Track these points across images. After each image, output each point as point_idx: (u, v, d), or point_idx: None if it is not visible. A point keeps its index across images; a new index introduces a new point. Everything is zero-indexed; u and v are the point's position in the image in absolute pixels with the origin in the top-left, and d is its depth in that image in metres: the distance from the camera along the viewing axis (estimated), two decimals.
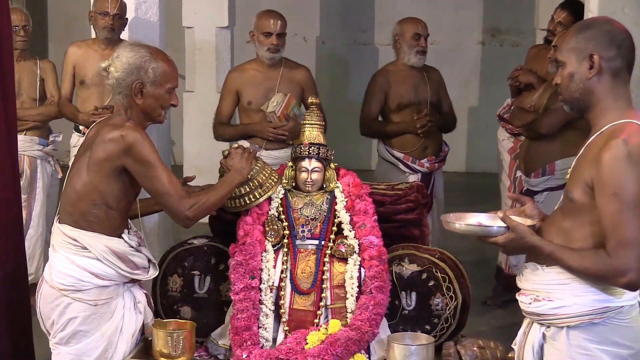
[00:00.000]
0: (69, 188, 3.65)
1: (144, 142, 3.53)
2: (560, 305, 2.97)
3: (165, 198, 3.61)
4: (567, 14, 6.21)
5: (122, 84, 3.60)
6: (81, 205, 3.60)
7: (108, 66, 3.63)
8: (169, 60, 3.68)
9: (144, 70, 3.58)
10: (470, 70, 11.22)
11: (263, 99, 5.64)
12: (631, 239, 2.81)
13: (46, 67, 6.31)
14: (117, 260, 3.61)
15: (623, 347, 2.96)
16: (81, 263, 3.59)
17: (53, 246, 3.67)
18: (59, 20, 11.62)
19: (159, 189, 3.59)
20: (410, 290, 3.98)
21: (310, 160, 3.98)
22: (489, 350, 3.85)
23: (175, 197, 3.60)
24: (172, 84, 3.67)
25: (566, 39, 3.03)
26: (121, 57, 3.60)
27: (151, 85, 3.59)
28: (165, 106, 3.68)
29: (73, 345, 3.65)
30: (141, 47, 3.63)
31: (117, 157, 3.53)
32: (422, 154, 6.02)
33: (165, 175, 3.58)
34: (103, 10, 5.88)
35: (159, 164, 3.56)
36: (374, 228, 3.94)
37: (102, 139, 3.55)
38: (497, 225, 3.02)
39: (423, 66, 6.12)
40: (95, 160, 3.56)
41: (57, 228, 3.66)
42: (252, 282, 3.82)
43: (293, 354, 3.68)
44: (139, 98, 3.60)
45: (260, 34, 5.64)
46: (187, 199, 3.63)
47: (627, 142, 2.81)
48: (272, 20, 5.63)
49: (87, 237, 3.59)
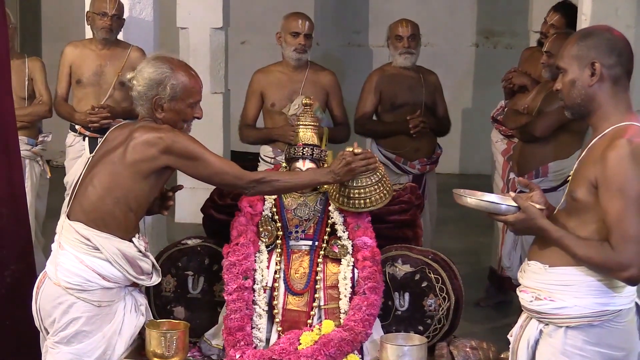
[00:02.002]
0: (89, 187, 3.64)
1: (182, 138, 3.59)
2: (562, 305, 3.03)
3: (224, 177, 3.67)
4: (560, 16, 6.22)
5: (144, 97, 3.65)
6: (103, 205, 3.60)
7: (132, 78, 3.67)
8: (191, 74, 3.69)
9: (162, 86, 3.61)
10: (464, 72, 11.22)
11: (286, 102, 5.59)
12: (634, 234, 2.89)
13: (35, 66, 6.17)
14: (127, 264, 3.62)
15: (617, 349, 3.03)
16: (90, 263, 3.58)
17: (60, 243, 3.65)
18: (53, 20, 11.61)
19: (212, 173, 3.64)
20: (404, 291, 3.99)
21: (304, 161, 3.99)
22: (481, 351, 3.87)
23: (235, 172, 3.66)
24: (193, 98, 3.69)
25: (567, 46, 3.10)
26: (143, 72, 3.64)
27: (171, 100, 3.63)
28: (187, 119, 3.71)
29: (75, 345, 3.63)
30: (163, 62, 3.65)
31: (156, 158, 3.56)
32: (413, 155, 6.03)
33: (214, 158, 3.64)
34: (101, 11, 5.88)
35: (205, 151, 3.62)
36: (368, 229, 3.95)
37: (139, 141, 3.57)
38: (508, 204, 3.07)
39: (420, 68, 6.14)
40: (130, 161, 3.57)
41: (68, 225, 3.64)
42: (245, 283, 3.83)
43: (286, 354, 3.69)
44: (160, 112, 3.64)
45: (287, 35, 5.61)
46: (250, 173, 3.70)
47: (631, 142, 2.90)
48: (301, 20, 5.62)
49: (101, 238, 3.59)
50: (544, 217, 3.06)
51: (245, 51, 10.87)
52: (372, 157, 3.84)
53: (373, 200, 3.88)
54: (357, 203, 3.88)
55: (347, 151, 3.81)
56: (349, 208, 3.90)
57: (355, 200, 3.87)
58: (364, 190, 3.86)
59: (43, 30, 11.71)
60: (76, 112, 5.97)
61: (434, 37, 10.50)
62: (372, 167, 3.84)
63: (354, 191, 3.86)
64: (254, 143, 5.86)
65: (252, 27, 10.90)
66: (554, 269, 3.06)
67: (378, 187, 3.89)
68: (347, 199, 3.88)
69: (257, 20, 10.86)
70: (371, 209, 3.91)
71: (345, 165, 3.78)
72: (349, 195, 3.87)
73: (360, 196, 3.87)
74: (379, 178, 3.90)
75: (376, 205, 3.90)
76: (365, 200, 3.87)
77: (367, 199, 3.87)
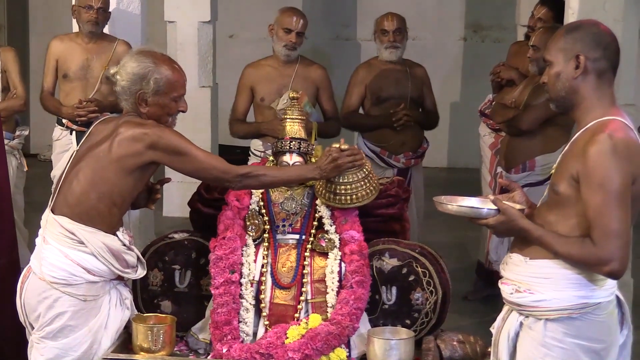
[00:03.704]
0: (74, 181, 3.62)
1: (168, 134, 3.58)
2: (541, 298, 3.06)
3: (211, 172, 3.66)
4: (546, 10, 6.24)
5: (127, 92, 3.64)
6: (87, 199, 3.58)
7: (115, 73, 3.66)
8: (174, 68, 3.68)
9: (146, 80, 3.60)
10: (452, 66, 11.23)
11: (276, 96, 5.57)
12: (615, 229, 2.91)
13: (7, 57, 6.08)
14: (112, 257, 3.61)
15: (596, 341, 3.06)
16: (75, 257, 3.57)
17: (44, 238, 3.64)
18: (40, 14, 11.56)
19: (200, 168, 3.63)
20: (391, 285, 3.99)
21: (291, 154, 3.99)
22: (468, 345, 3.88)
23: (222, 167, 3.65)
24: (177, 92, 3.68)
25: (554, 39, 3.13)
26: (126, 67, 3.63)
27: (154, 94, 3.62)
28: (171, 113, 3.70)
29: (61, 339, 3.62)
30: (146, 57, 3.64)
31: (142, 153, 3.54)
32: (399, 149, 6.04)
33: (201, 153, 3.63)
34: (87, 4, 5.85)
35: (191, 146, 3.61)
36: (355, 223, 3.95)
37: (124, 136, 3.56)
38: (488, 208, 3.11)
39: (407, 61, 6.14)
40: (115, 157, 3.56)
41: (52, 219, 3.63)
42: (232, 277, 3.82)
43: (273, 348, 3.69)
44: (144, 107, 3.63)
45: (280, 29, 5.60)
46: (237, 167, 3.69)
47: (612, 137, 2.92)
48: (295, 17, 5.60)
49: (86, 232, 3.57)
50: (524, 218, 3.08)
51: (233, 45, 10.83)
52: (358, 153, 3.84)
53: (359, 196, 3.88)
54: (343, 199, 3.88)
55: (333, 147, 3.81)
56: (335, 204, 3.91)
57: (342, 196, 3.88)
58: (350, 187, 3.86)
59: (30, 24, 11.67)
60: (63, 106, 5.94)
61: (422, 31, 10.51)
62: (358, 164, 3.84)
63: (341, 187, 3.86)
64: (243, 137, 5.85)
65: (241, 21, 10.89)
66: (534, 261, 3.09)
67: (364, 183, 3.89)
68: (334, 194, 3.88)
69: (245, 13, 10.85)
70: (357, 205, 3.91)
71: (331, 162, 3.78)
72: (335, 191, 3.87)
73: (347, 192, 3.87)
74: (366, 174, 3.90)
75: (362, 202, 3.90)
76: (351, 196, 3.87)
77: (353, 194, 3.87)
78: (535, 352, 3.09)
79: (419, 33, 10.30)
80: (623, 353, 3.20)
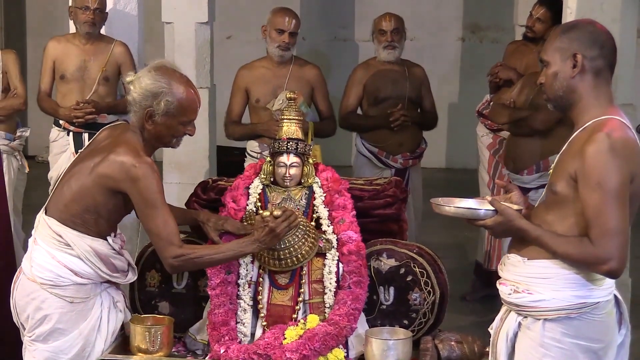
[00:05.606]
0: (65, 186, 3.61)
1: (152, 180, 3.49)
2: (540, 298, 3.06)
3: (154, 239, 3.59)
4: (545, 10, 6.23)
5: (137, 105, 3.57)
6: (73, 207, 3.57)
7: (131, 82, 3.60)
8: (189, 92, 3.60)
9: (157, 100, 3.52)
10: (450, 66, 11.24)
11: (271, 97, 5.57)
12: (613, 228, 2.91)
13: (8, 59, 6.09)
14: (99, 261, 3.59)
15: (595, 341, 3.06)
16: (62, 259, 3.56)
17: (35, 239, 3.64)
18: (37, 15, 11.56)
19: (151, 228, 3.56)
20: (389, 285, 3.98)
21: (289, 155, 3.98)
22: (466, 345, 3.87)
23: (165, 242, 3.54)
24: (187, 117, 3.61)
25: (551, 39, 3.13)
26: (141, 80, 3.56)
27: (163, 115, 3.55)
28: (177, 136, 3.65)
29: (51, 342, 3.62)
30: (163, 76, 3.55)
31: (121, 181, 3.49)
32: (397, 149, 6.03)
33: (162, 218, 3.53)
34: (83, 5, 5.85)
35: (160, 205, 3.52)
36: (353, 223, 3.95)
37: (114, 157, 3.50)
38: (485, 209, 3.10)
39: (405, 62, 6.14)
40: (100, 173, 3.52)
41: (43, 220, 3.62)
42: (228, 277, 3.82)
43: (271, 349, 3.68)
44: (150, 124, 3.57)
45: (272, 30, 5.59)
46: (176, 247, 3.56)
47: (610, 136, 2.92)
48: (287, 18, 5.59)
49: (73, 235, 3.56)
50: (521, 218, 3.08)
51: (231, 46, 10.83)
52: (292, 215, 3.72)
53: (304, 254, 3.83)
54: (289, 262, 3.82)
55: (266, 216, 3.70)
56: (282, 269, 3.86)
57: (287, 259, 3.82)
58: (292, 249, 3.80)
59: (27, 25, 11.67)
60: (60, 108, 5.94)
61: (420, 31, 10.52)
62: (294, 225, 3.76)
63: (283, 252, 3.80)
64: (239, 139, 5.84)
65: (238, 22, 10.89)
66: (532, 261, 3.09)
67: (305, 240, 3.83)
68: (279, 260, 3.82)
69: (242, 14, 10.84)
70: (303, 263, 3.86)
71: (269, 232, 3.66)
72: (279, 258, 3.82)
73: (291, 255, 3.81)
74: (304, 230, 3.83)
75: (307, 258, 3.85)
76: (297, 257, 3.82)
77: (297, 255, 3.81)
78: (533, 352, 3.09)
79: (417, 33, 10.31)
80: (621, 353, 3.20)
